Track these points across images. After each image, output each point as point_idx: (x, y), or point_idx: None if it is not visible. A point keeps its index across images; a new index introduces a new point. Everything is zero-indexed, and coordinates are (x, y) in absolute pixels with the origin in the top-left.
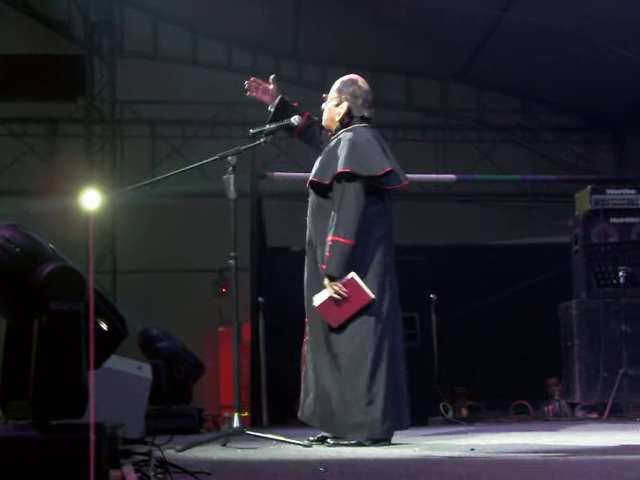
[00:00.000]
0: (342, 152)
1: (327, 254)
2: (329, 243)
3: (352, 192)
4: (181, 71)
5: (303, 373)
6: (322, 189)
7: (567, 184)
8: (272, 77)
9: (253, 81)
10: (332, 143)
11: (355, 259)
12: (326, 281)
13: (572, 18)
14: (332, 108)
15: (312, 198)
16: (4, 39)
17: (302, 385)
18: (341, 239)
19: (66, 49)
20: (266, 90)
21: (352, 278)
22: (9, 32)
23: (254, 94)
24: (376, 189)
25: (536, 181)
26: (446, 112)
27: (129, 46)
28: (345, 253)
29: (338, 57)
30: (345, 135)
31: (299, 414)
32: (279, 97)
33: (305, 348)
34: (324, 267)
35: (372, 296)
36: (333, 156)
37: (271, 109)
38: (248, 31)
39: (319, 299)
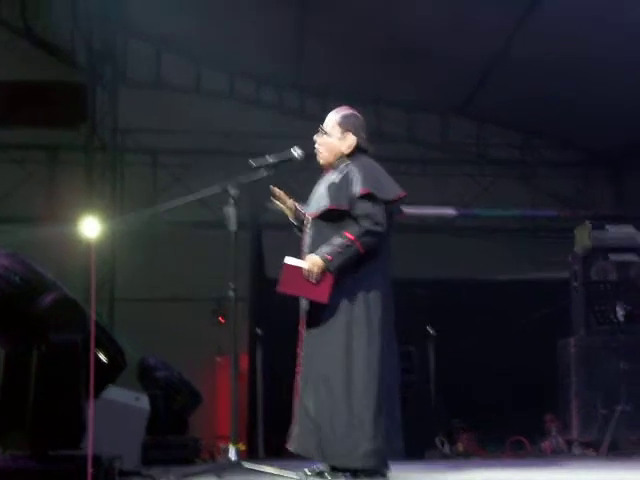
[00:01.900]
0: (355, 177)
1: (338, 248)
2: (345, 240)
3: (377, 211)
4: (183, 100)
5: (296, 405)
6: (333, 217)
7: (567, 220)
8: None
9: (273, 192)
10: (334, 174)
11: (358, 289)
12: (316, 258)
13: (573, 55)
14: (334, 142)
15: (313, 231)
16: (6, 65)
17: (295, 418)
18: (358, 244)
19: (68, 77)
20: (288, 204)
21: (330, 278)
22: (11, 59)
23: (276, 202)
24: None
25: (536, 217)
26: (447, 146)
27: (131, 74)
28: (353, 258)
29: (339, 89)
30: (351, 164)
31: (291, 446)
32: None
33: (297, 379)
34: (328, 257)
35: (326, 300)
36: (344, 183)
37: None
38: (251, 61)
39: (293, 261)
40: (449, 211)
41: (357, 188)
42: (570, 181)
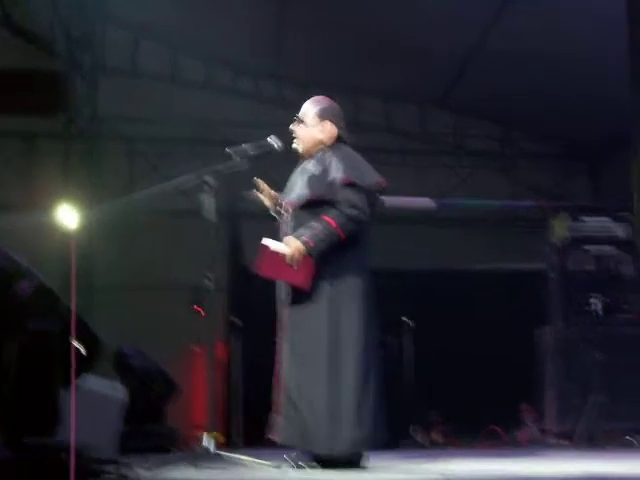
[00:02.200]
0: (335, 166)
1: (320, 233)
2: (326, 225)
3: (359, 198)
4: (161, 89)
5: (277, 394)
6: (313, 207)
7: (545, 211)
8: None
9: (256, 183)
10: (312, 163)
11: (340, 276)
12: (297, 243)
13: (553, 46)
14: (311, 129)
15: (294, 221)
16: None
17: (277, 407)
18: (339, 230)
19: (47, 64)
20: (271, 196)
21: (311, 263)
22: None
23: (259, 195)
24: None
25: (515, 207)
26: (425, 137)
27: (110, 62)
28: (334, 243)
29: (318, 79)
30: (331, 153)
31: (276, 437)
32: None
33: (278, 368)
34: (310, 242)
35: (308, 286)
36: (325, 173)
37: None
38: (229, 50)
39: (273, 244)
40: (428, 203)
41: (338, 177)
42: (549, 173)
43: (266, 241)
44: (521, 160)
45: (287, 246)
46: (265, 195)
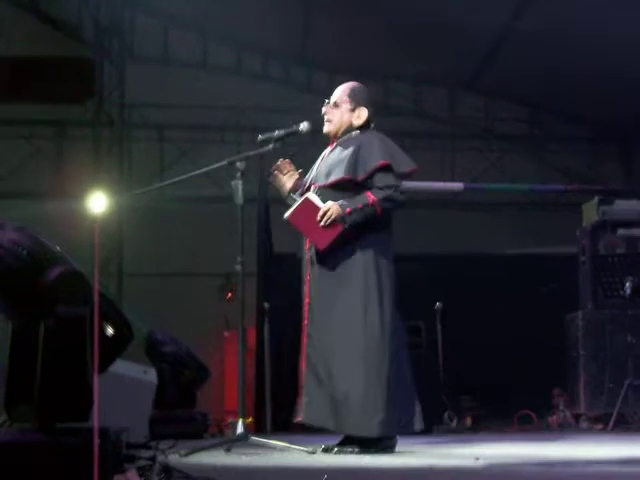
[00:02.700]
0: (371, 150)
1: (359, 204)
2: (367, 199)
3: (395, 181)
4: (190, 75)
5: (304, 377)
6: (344, 188)
7: (575, 194)
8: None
9: (283, 164)
10: (345, 146)
11: (371, 259)
12: (335, 206)
13: (582, 28)
14: (345, 113)
15: (321, 198)
16: (13, 41)
17: (304, 389)
18: (379, 207)
19: (76, 52)
20: (292, 176)
21: (339, 229)
22: (18, 34)
23: (280, 176)
24: None
25: (544, 191)
26: (454, 120)
27: (139, 50)
28: (369, 220)
29: (347, 63)
30: (366, 136)
31: (301, 416)
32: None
33: (306, 352)
34: (348, 210)
35: (325, 247)
36: (360, 155)
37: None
38: (258, 36)
39: (315, 199)
40: (456, 185)
41: (375, 160)
42: (579, 156)
43: (310, 195)
44: (551, 143)
45: (326, 205)
46: (288, 177)
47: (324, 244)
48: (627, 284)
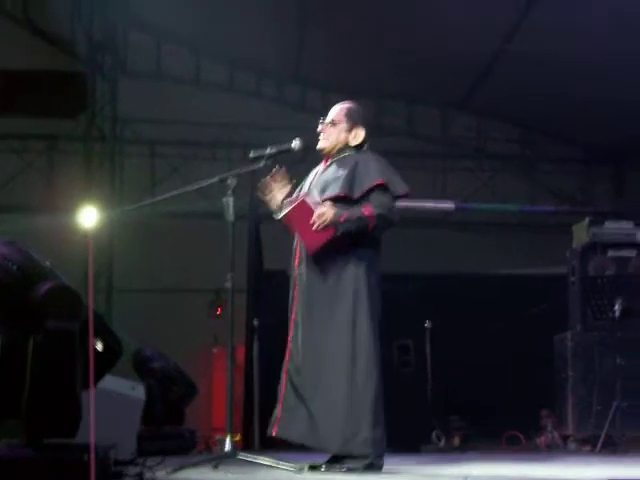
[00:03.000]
0: (368, 169)
1: (354, 215)
2: (362, 211)
3: (389, 201)
4: (183, 91)
5: (283, 392)
6: (341, 206)
7: (565, 215)
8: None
9: (278, 173)
10: (340, 164)
11: (361, 278)
12: (332, 210)
13: (574, 50)
14: (342, 132)
15: None
16: (6, 55)
17: (281, 404)
18: (372, 223)
19: (68, 66)
20: (284, 187)
21: (330, 233)
22: (12, 48)
23: (270, 187)
24: None
25: (535, 212)
26: (446, 140)
27: (131, 65)
28: (361, 231)
29: (340, 82)
30: (362, 156)
31: (278, 431)
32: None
33: (287, 367)
34: (343, 217)
35: (314, 249)
36: (356, 174)
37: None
38: (251, 53)
39: (311, 202)
40: (447, 205)
41: (372, 179)
42: (570, 177)
43: (308, 198)
44: (543, 164)
45: (322, 208)
46: (280, 187)
47: (314, 246)
48: (616, 306)
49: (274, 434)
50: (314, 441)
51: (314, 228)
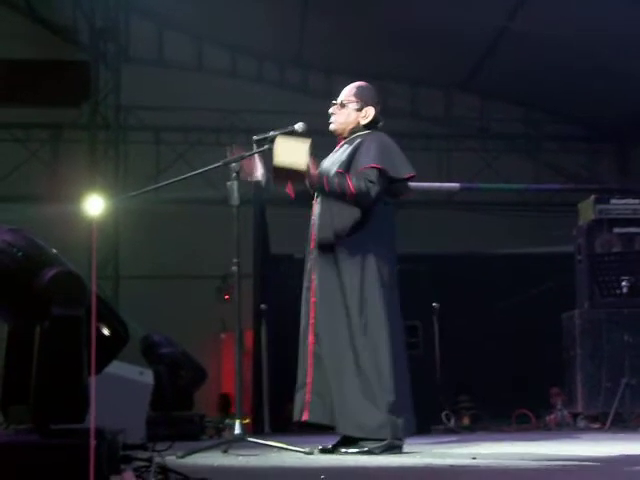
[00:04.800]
0: (371, 150)
1: (335, 177)
2: (341, 174)
3: (377, 178)
4: (186, 78)
5: (311, 376)
6: None
7: (570, 194)
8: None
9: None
10: (347, 144)
11: (369, 266)
12: (313, 171)
13: (576, 28)
14: (352, 112)
15: (322, 198)
16: (9, 44)
17: (309, 387)
18: (352, 187)
19: (71, 55)
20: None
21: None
22: (14, 37)
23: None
24: (389, 193)
25: (540, 190)
26: (450, 121)
27: (134, 52)
28: (342, 192)
29: (343, 65)
30: (368, 136)
31: (305, 416)
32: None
33: (310, 350)
34: (325, 179)
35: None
36: (359, 154)
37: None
38: (253, 38)
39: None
40: (453, 185)
41: (368, 163)
42: (575, 156)
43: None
44: (546, 143)
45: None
46: (250, 165)
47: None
48: (624, 283)
49: (305, 419)
50: (339, 424)
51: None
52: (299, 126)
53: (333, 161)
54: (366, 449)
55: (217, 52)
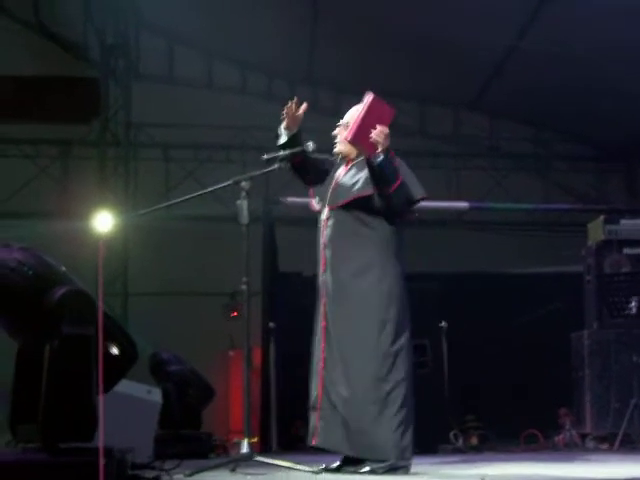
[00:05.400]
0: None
1: (395, 166)
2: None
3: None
4: (196, 95)
5: (320, 400)
6: (355, 208)
7: (580, 214)
8: (304, 106)
9: (291, 107)
10: (356, 168)
11: (382, 288)
12: (387, 137)
13: (585, 47)
14: None
15: (333, 221)
16: (19, 60)
17: (318, 412)
18: (398, 180)
19: (81, 71)
20: (295, 118)
21: (375, 150)
22: (24, 53)
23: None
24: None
25: (549, 210)
26: (459, 139)
27: (144, 69)
28: (387, 179)
29: (352, 83)
30: None
31: (316, 441)
32: (298, 129)
33: (322, 374)
34: (392, 154)
35: (351, 137)
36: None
37: (283, 135)
38: (263, 55)
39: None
40: (462, 204)
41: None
42: (584, 175)
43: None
44: (556, 162)
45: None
46: (291, 116)
47: (355, 138)
48: (633, 303)
49: (313, 444)
50: (348, 448)
51: (371, 133)
52: (308, 145)
53: (345, 184)
54: (368, 469)
55: (227, 69)
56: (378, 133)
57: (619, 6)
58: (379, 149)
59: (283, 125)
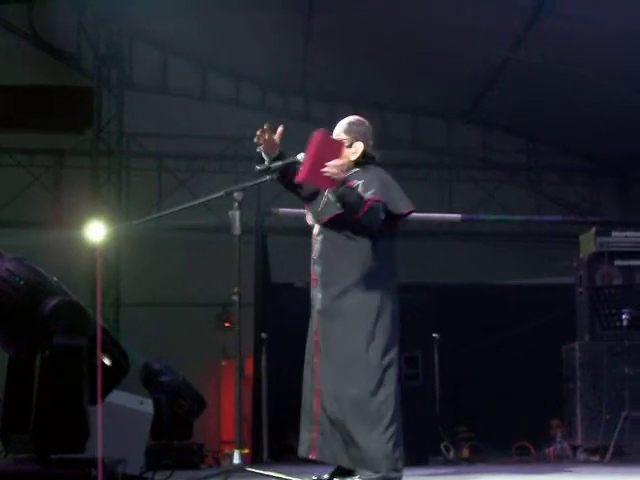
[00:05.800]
0: (371, 185)
1: (356, 191)
2: (364, 195)
3: (379, 219)
4: (189, 105)
5: (317, 414)
6: (341, 224)
7: (572, 225)
8: (280, 129)
9: (262, 134)
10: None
11: (373, 303)
12: (343, 169)
13: (579, 60)
14: (345, 153)
15: (322, 237)
16: (12, 70)
17: (316, 427)
18: (366, 206)
19: (74, 81)
20: (271, 143)
21: (331, 185)
22: (18, 63)
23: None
24: (389, 227)
25: (541, 222)
26: (451, 151)
27: (137, 79)
28: (352, 208)
29: (345, 95)
30: (362, 173)
31: (314, 455)
32: (279, 151)
33: (318, 388)
34: (352, 184)
35: (303, 176)
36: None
37: (266, 161)
38: (257, 67)
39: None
40: (454, 216)
41: (369, 195)
42: (576, 187)
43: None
44: (548, 174)
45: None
46: (267, 141)
47: (308, 178)
48: (624, 315)
49: (313, 457)
50: (347, 461)
51: (324, 168)
52: (301, 157)
53: (330, 200)
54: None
55: (220, 80)
56: (331, 167)
57: (610, 22)
58: (335, 183)
59: (261, 151)
